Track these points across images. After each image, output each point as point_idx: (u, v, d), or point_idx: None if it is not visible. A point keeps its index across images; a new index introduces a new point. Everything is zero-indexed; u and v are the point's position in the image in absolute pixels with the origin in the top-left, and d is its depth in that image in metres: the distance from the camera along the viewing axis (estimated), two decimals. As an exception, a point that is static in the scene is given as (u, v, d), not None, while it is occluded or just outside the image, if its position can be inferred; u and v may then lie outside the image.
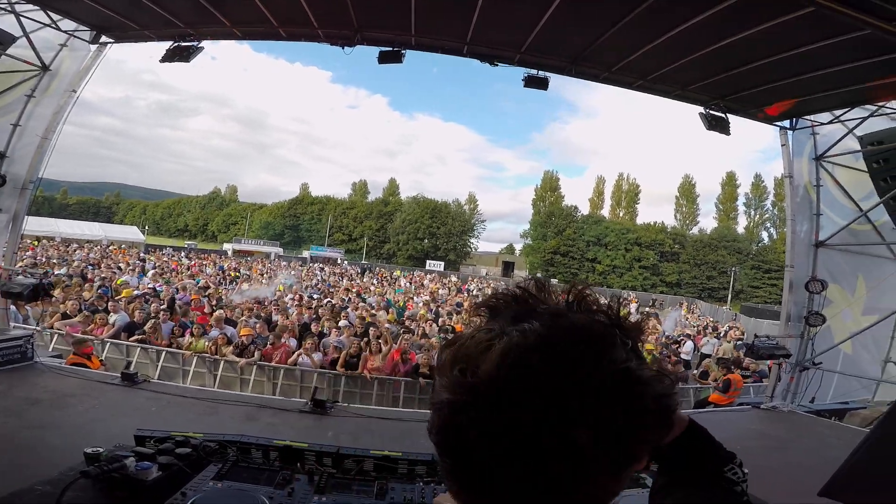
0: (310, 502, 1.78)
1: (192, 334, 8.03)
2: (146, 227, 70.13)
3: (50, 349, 7.51)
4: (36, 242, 25.77)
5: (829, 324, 7.13)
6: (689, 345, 13.55)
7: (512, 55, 6.57)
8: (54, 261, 18.33)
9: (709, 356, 11.85)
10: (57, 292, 8.90)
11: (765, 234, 57.65)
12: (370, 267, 41.52)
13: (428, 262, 54.39)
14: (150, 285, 13.84)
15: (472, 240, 65.08)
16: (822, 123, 7.22)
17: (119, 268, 18.32)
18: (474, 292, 24.91)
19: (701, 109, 6.94)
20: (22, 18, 6.01)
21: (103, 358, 7.37)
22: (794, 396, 7.16)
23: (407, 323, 11.37)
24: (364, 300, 15.45)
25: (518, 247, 68.10)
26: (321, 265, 37.11)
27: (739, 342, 15.37)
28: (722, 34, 5.06)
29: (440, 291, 22.57)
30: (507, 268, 59.02)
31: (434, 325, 11.67)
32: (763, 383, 9.41)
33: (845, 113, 6.77)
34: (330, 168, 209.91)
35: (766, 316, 26.53)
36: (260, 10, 5.88)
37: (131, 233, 47.21)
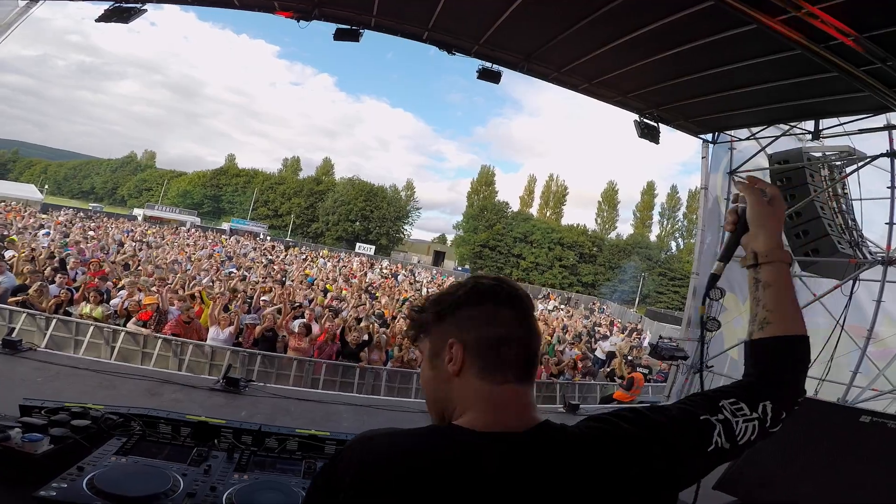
0: (230, 480, 1.65)
1: (86, 300, 7.24)
2: (45, 187, 62.41)
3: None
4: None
5: (721, 330, 7.61)
6: (605, 343, 14.39)
7: (470, 46, 6.61)
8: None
9: (614, 353, 12.67)
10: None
11: (673, 244, 62.68)
12: (296, 244, 39.96)
13: (358, 244, 53.41)
14: (44, 245, 12.36)
15: (406, 226, 64.79)
16: (740, 139, 7.70)
17: (4, 225, 16.20)
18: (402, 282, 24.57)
19: (636, 117, 7.35)
20: None
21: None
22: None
23: (335, 304, 11.10)
24: (285, 278, 14.85)
25: (450, 237, 68.83)
26: (238, 238, 34.89)
27: (635, 342, 16.88)
28: (662, 46, 5.38)
29: (368, 276, 22.07)
30: (438, 257, 59.43)
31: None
32: (662, 383, 10.24)
33: (762, 130, 7.22)
34: (264, 143, 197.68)
35: (667, 320, 28.74)
36: (213, -25, 5.44)
37: (28, 190, 41.55)
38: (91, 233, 18.48)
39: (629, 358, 12.96)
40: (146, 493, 1.43)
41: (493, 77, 6.95)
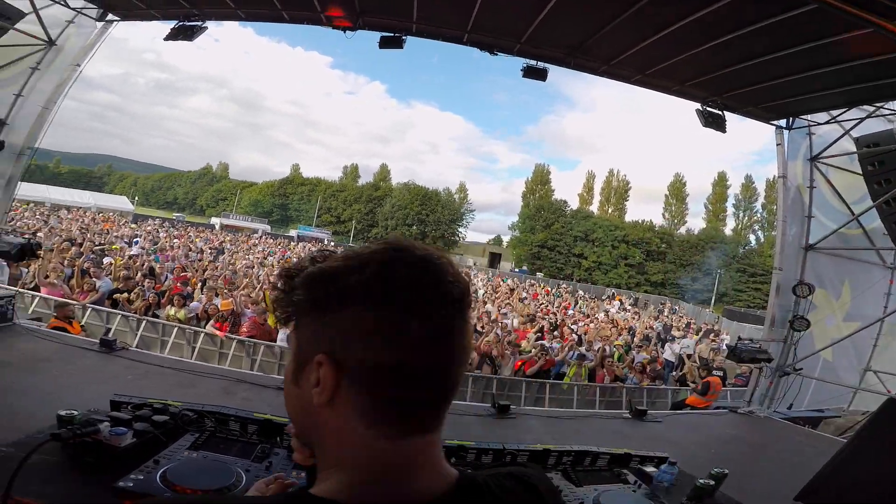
0: (289, 477, 1.72)
1: (171, 304, 7.89)
2: (136, 198, 69.00)
3: (30, 311, 7.35)
4: (25, 206, 25.22)
5: (811, 329, 7.07)
6: (675, 346, 13.60)
7: (511, 45, 6.51)
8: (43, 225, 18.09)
9: (686, 356, 11.95)
10: (44, 255, 8.76)
11: (752, 238, 58.27)
12: (358, 249, 41.18)
13: (416, 248, 54.13)
14: (137, 253, 13.64)
15: (461, 229, 65.04)
16: (819, 123, 7.11)
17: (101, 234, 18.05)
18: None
19: (698, 106, 6.93)
20: None
21: (84, 323, 7.22)
22: (770, 402, 7.11)
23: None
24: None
25: (506, 238, 68.16)
26: (305, 244, 36.67)
27: (714, 344, 15.64)
28: (722, 30, 5.02)
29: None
30: (494, 259, 59.15)
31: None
32: (741, 387, 9.49)
33: (843, 113, 6.67)
34: (322, 151, 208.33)
35: (748, 320, 26.75)
36: (264, -9, 5.81)
37: (121, 202, 46.57)
38: (175, 241, 20.11)
39: (704, 361, 12.17)
40: (211, 487, 1.52)
41: (540, 74, 6.81)
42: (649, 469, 2.39)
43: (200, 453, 1.78)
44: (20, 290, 7.68)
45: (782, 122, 7.17)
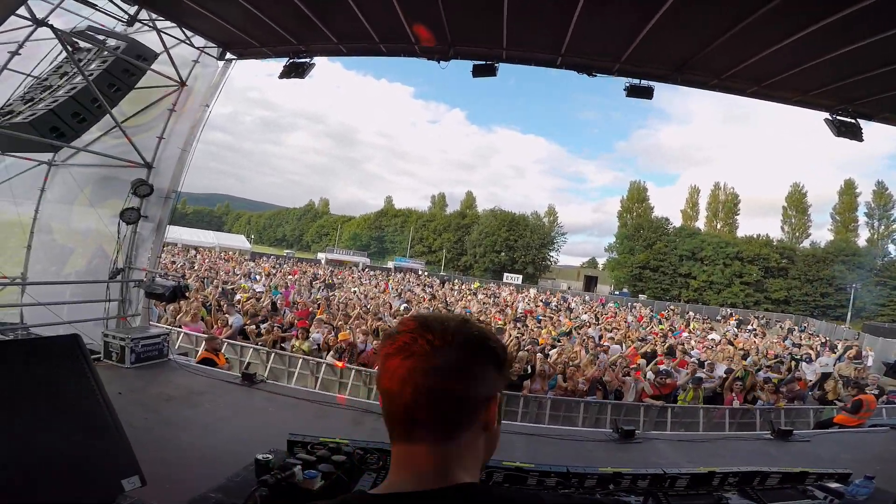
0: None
1: (296, 337, 8.58)
2: (251, 236, 76.64)
3: (176, 347, 8.37)
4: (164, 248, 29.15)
5: None
6: (813, 365, 12.22)
7: (610, 65, 6.37)
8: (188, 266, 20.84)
9: (828, 375, 10.65)
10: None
11: (892, 248, 50.38)
12: (449, 278, 42.07)
13: (505, 274, 53.81)
14: (261, 290, 15.15)
15: (552, 253, 63.52)
16: None
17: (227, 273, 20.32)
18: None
19: (826, 115, 6.29)
20: (162, 35, 6.61)
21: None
22: None
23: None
24: (449, 310, 15.68)
25: (601, 261, 65.27)
26: (404, 274, 38.21)
27: (857, 361, 13.90)
28: (847, 39, 4.58)
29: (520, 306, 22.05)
30: (590, 282, 56.81)
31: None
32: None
33: None
34: (410, 181, 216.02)
35: (894, 335, 23.51)
36: (364, 27, 6.20)
37: (239, 241, 52.10)
38: (290, 277, 21.98)
39: (853, 379, 10.76)
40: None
41: (645, 93, 6.57)
42: (834, 485, 2.23)
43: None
44: (171, 328, 8.82)
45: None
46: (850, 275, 44.32)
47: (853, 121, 6.21)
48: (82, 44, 6.28)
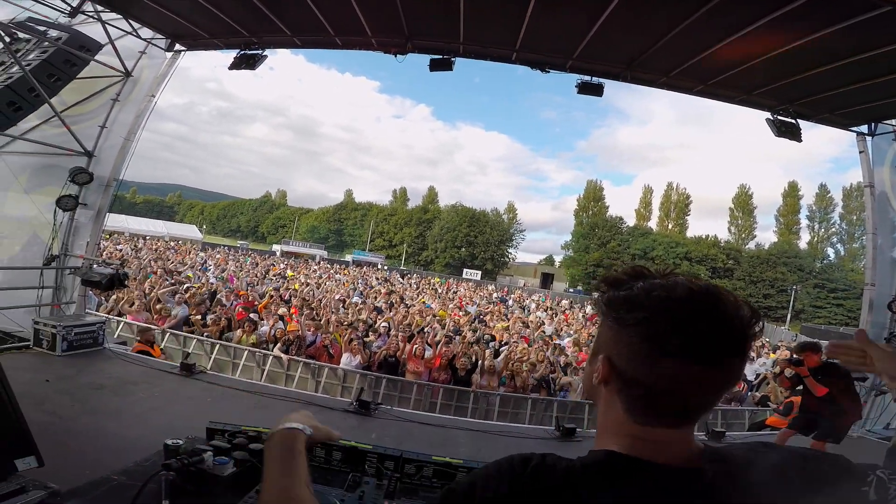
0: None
1: (242, 329, 8.30)
2: (203, 227, 73.87)
3: (115, 336, 7.96)
4: (107, 237, 27.61)
5: None
6: (753, 365, 12.78)
7: (563, 62, 6.51)
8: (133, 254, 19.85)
9: (765, 377, 11.13)
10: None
11: (830, 251, 53.99)
12: (409, 272, 41.99)
13: (465, 270, 54.29)
14: (213, 280, 14.61)
15: (511, 250, 64.61)
16: None
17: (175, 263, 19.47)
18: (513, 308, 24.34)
19: (767, 115, 6.61)
20: (107, 27, 6.55)
21: (163, 347, 7.74)
22: (865, 421, 6.66)
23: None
24: (406, 304, 15.57)
25: (558, 258, 66.80)
26: (361, 268, 37.77)
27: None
28: (791, 36, 4.80)
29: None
30: (546, 279, 58.01)
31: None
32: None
33: None
34: (373, 175, 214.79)
35: (830, 338, 24.66)
36: (318, 20, 6.13)
37: (191, 231, 50.20)
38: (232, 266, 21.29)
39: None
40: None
41: (595, 90, 6.73)
42: None
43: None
44: (109, 316, 8.37)
45: (863, 128, 6.70)
46: (790, 277, 47.09)
47: (793, 121, 6.54)
48: (22, 35, 6.21)
